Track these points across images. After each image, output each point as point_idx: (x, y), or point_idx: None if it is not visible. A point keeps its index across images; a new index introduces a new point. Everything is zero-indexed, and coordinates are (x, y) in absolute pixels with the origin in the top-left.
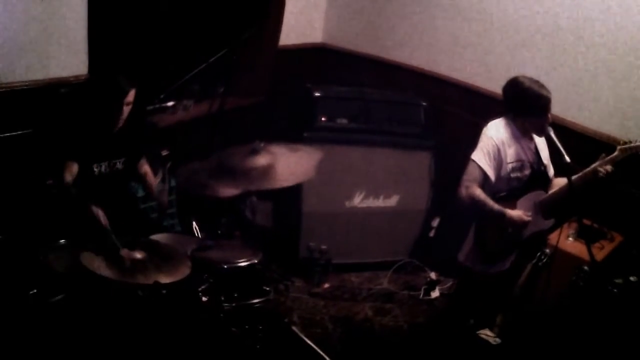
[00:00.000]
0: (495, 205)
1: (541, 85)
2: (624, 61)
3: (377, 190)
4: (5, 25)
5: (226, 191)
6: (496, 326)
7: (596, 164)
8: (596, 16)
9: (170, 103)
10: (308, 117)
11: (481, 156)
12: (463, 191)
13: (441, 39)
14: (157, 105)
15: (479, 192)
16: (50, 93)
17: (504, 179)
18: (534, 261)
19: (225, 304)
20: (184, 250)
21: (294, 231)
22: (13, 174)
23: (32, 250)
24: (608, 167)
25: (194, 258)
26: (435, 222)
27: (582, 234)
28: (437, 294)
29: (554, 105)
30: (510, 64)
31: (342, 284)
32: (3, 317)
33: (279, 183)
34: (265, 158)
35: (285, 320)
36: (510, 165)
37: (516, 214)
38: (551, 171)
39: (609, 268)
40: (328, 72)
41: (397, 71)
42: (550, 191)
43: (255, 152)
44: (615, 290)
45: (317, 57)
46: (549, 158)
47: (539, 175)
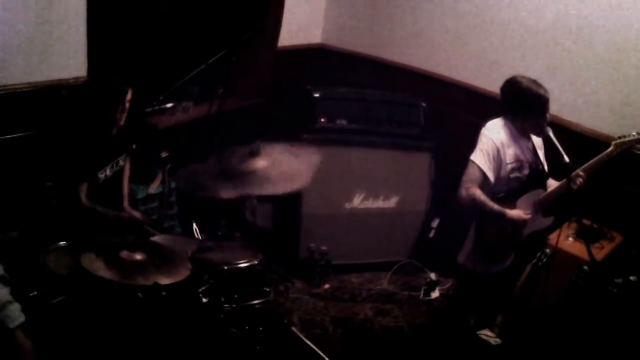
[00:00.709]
0: (495, 206)
1: (539, 85)
2: (624, 61)
3: (377, 191)
4: (4, 26)
5: (226, 193)
6: (496, 326)
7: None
8: (596, 16)
9: (170, 105)
10: (308, 118)
11: (481, 157)
12: (463, 192)
13: (441, 40)
14: (157, 107)
15: (478, 194)
16: (50, 95)
17: (504, 179)
18: (534, 261)
19: (226, 305)
20: (184, 251)
21: (294, 232)
22: (13, 176)
23: (33, 252)
24: (581, 179)
25: (194, 259)
26: (435, 223)
27: (582, 234)
28: (437, 294)
29: (554, 105)
30: (510, 64)
31: (342, 285)
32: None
33: (278, 189)
34: (264, 161)
35: (285, 321)
36: (509, 166)
37: (516, 213)
38: (545, 169)
39: (609, 268)
40: (327, 73)
41: (397, 72)
42: (548, 189)
43: (254, 154)
44: (615, 290)
45: (317, 58)
46: (544, 157)
47: (537, 174)
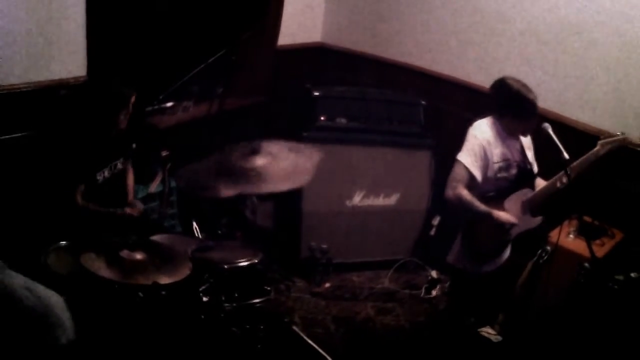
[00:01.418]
0: (482, 206)
1: (529, 89)
2: (625, 59)
3: (377, 189)
4: (4, 26)
5: (227, 192)
6: (497, 324)
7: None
8: (597, 15)
9: (170, 104)
10: (307, 117)
11: (467, 156)
12: (450, 192)
13: (441, 38)
14: (157, 107)
15: (465, 193)
16: (50, 95)
17: (491, 179)
18: (534, 259)
19: (226, 304)
20: (185, 250)
21: (294, 231)
22: (13, 176)
23: (33, 252)
24: (564, 179)
25: (194, 258)
26: (436, 221)
27: (583, 231)
28: (439, 292)
29: (555, 103)
30: (510, 63)
31: (343, 284)
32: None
33: (279, 186)
34: (265, 159)
35: (286, 320)
36: (496, 165)
37: (504, 215)
38: (535, 169)
39: (610, 265)
40: (327, 72)
41: (397, 70)
42: (536, 189)
43: (255, 153)
44: (616, 286)
45: (316, 57)
46: (534, 157)
47: (525, 174)
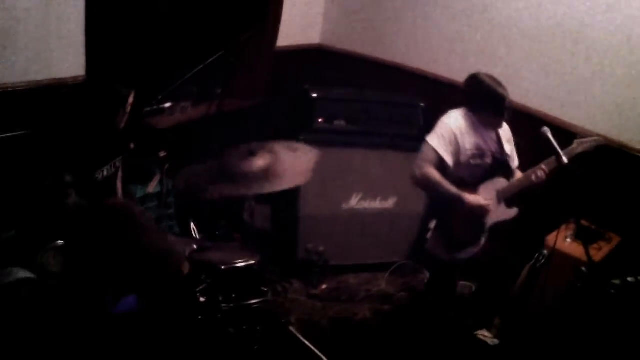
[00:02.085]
0: (453, 188)
1: (500, 84)
2: (623, 63)
3: (375, 192)
4: (3, 25)
5: (225, 193)
6: (494, 327)
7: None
8: (596, 18)
9: (168, 105)
10: (306, 119)
11: (436, 140)
12: (416, 171)
13: (440, 40)
14: (155, 107)
15: (433, 172)
16: (48, 94)
17: (464, 165)
18: (531, 262)
19: (223, 305)
20: (182, 251)
21: (291, 233)
22: (11, 175)
23: (30, 251)
24: (541, 174)
25: (191, 259)
26: (433, 224)
27: (580, 235)
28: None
29: (554, 106)
30: (509, 65)
31: (340, 286)
32: (2, 319)
33: (277, 186)
34: (263, 160)
35: (283, 321)
36: (469, 152)
37: (474, 198)
38: (515, 163)
39: (607, 269)
40: (326, 74)
41: (396, 72)
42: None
43: (253, 154)
44: (613, 291)
45: (315, 59)
46: (514, 151)
47: (501, 164)
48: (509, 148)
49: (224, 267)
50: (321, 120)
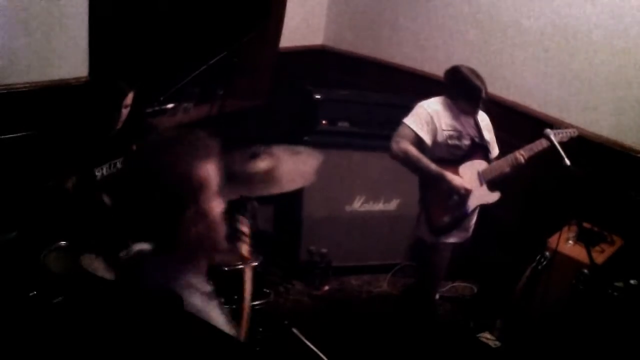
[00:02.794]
0: (432, 165)
1: (477, 76)
2: (624, 64)
3: (377, 194)
4: (5, 26)
5: (227, 195)
6: (496, 329)
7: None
8: (596, 19)
9: (170, 105)
10: (309, 120)
11: (412, 120)
12: (394, 146)
13: (442, 42)
14: (157, 108)
15: (411, 148)
16: (51, 95)
17: (442, 145)
18: (533, 264)
19: (226, 306)
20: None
21: (294, 235)
22: (13, 176)
23: (32, 252)
24: (521, 157)
25: None
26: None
27: (582, 238)
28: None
29: (554, 108)
30: (511, 67)
31: (342, 287)
32: (3, 319)
33: (280, 188)
34: (265, 162)
35: (286, 322)
36: (446, 133)
37: (457, 179)
38: (495, 152)
39: (609, 271)
40: (329, 75)
41: (399, 74)
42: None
43: (255, 156)
44: (615, 293)
45: (318, 60)
46: (494, 140)
47: (479, 146)
48: (489, 136)
49: (226, 269)
50: (324, 122)
